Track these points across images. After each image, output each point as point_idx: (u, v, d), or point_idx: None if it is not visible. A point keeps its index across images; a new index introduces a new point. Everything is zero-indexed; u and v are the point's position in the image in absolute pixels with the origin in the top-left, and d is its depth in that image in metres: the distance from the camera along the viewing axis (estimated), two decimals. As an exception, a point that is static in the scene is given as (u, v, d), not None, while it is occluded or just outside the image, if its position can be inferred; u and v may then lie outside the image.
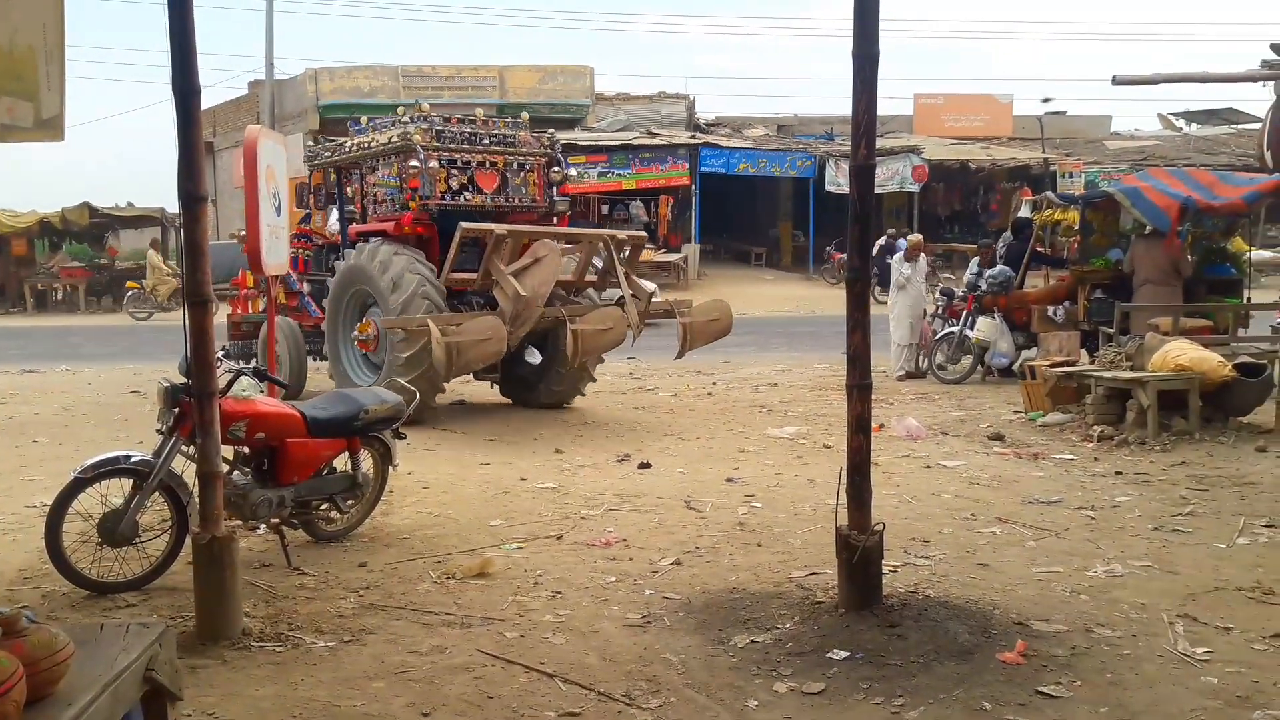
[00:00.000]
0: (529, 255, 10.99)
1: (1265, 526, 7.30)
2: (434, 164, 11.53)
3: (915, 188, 34.01)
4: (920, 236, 16.40)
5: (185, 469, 6.22)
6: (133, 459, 6.28)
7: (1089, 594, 5.97)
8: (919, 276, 15.42)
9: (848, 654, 5.06)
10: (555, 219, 12.80)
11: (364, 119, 12.73)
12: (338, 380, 11.83)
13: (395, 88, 33.57)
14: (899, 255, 15.80)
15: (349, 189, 13.13)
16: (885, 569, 5.79)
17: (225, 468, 6.21)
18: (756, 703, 4.66)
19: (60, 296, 32.43)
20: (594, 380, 12.58)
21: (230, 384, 6.46)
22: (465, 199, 11.85)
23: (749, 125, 38.55)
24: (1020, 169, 35.34)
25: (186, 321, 5.50)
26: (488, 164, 12.06)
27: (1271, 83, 10.08)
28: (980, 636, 5.23)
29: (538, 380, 12.44)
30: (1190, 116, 38.75)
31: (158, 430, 6.42)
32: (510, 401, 12.80)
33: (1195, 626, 5.45)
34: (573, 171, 13.11)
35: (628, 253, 11.81)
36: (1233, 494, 8.24)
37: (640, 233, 12.53)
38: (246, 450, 6.74)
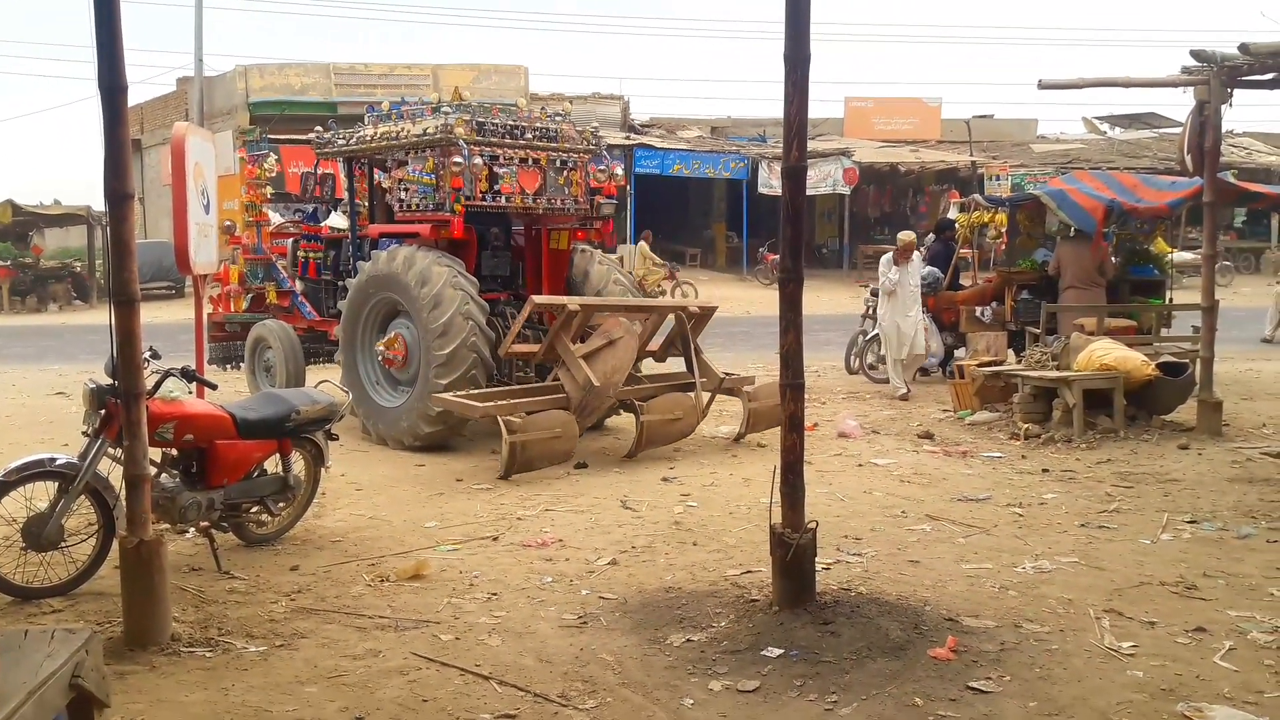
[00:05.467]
0: (601, 335, 9.90)
1: (1188, 523, 7.47)
2: (477, 160, 10.35)
3: (846, 190, 34.35)
4: (912, 235, 14.04)
5: (112, 471, 6.13)
6: (58, 461, 6.17)
7: (1017, 590, 6.07)
8: (911, 281, 13.55)
9: (782, 651, 5.10)
10: (598, 224, 11.62)
11: (384, 104, 11.40)
12: (354, 393, 10.08)
13: (327, 85, 33.24)
14: (886, 258, 13.80)
15: (360, 182, 11.99)
16: (818, 566, 5.83)
17: (153, 470, 6.11)
18: (692, 701, 4.68)
19: (-18, 296, 31.75)
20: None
21: (158, 385, 6.35)
22: (506, 200, 10.72)
23: (683, 127, 38.68)
24: (948, 171, 35.79)
25: (112, 321, 5.40)
26: (530, 161, 10.87)
27: (1191, 88, 10.27)
28: (911, 633, 5.30)
29: None
30: (1114, 120, 39.58)
31: (84, 432, 6.32)
32: None
33: (1121, 621, 5.57)
34: (619, 170, 11.62)
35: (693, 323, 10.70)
36: (1157, 491, 8.41)
37: (711, 305, 11.38)
38: (174, 452, 6.64)
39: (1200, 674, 4.90)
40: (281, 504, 7.11)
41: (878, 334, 14.91)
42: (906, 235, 13.91)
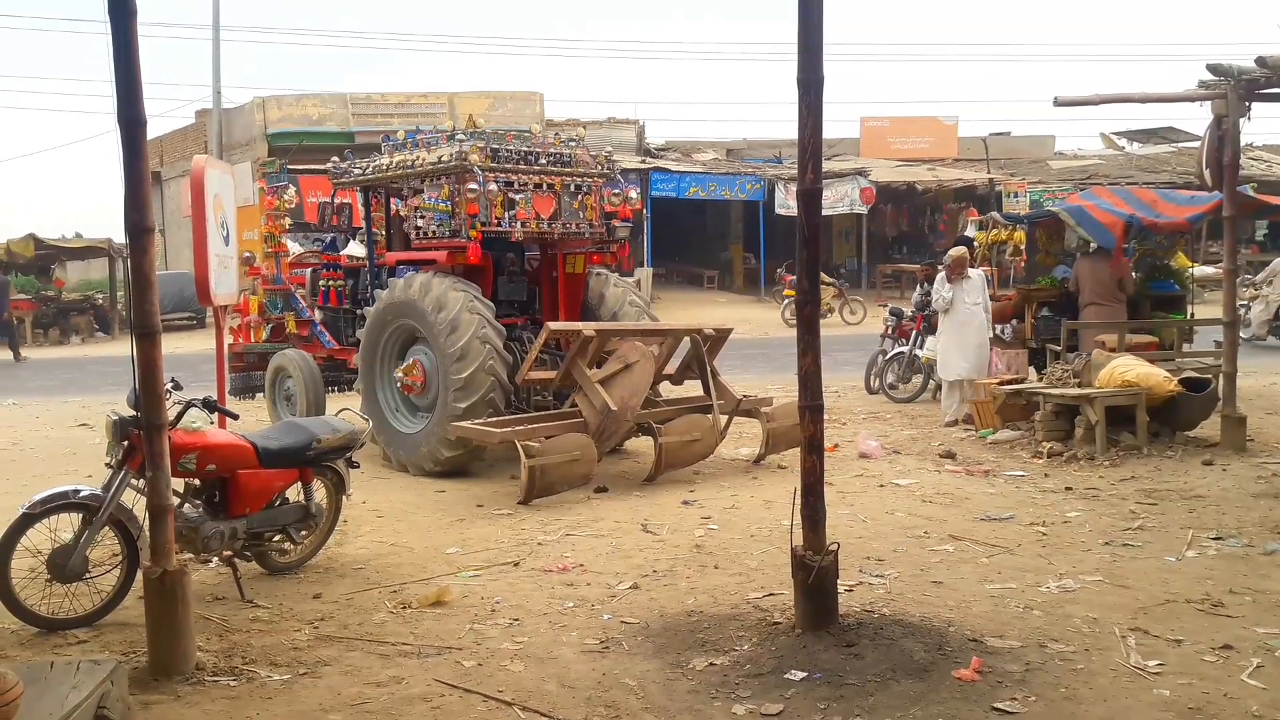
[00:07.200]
0: (618, 360, 9.92)
1: (1213, 539, 7.41)
2: (492, 187, 10.45)
3: (863, 209, 34.30)
4: (964, 250, 13.18)
5: (135, 502, 6.15)
6: (82, 493, 6.21)
7: (1042, 609, 6.03)
8: (968, 298, 12.64)
9: (805, 674, 5.08)
10: (614, 247, 11.66)
11: (400, 133, 11.56)
12: (374, 420, 9.84)
13: (344, 115, 33.47)
14: (940, 275, 13.02)
15: (377, 211, 12.22)
16: (841, 588, 5.82)
17: (176, 500, 6.14)
18: (715, 726, 4.67)
19: (6, 329, 31.96)
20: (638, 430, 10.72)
21: (180, 416, 6.39)
22: (521, 225, 10.72)
23: (699, 149, 38.71)
24: (966, 189, 35.74)
25: (134, 353, 5.44)
26: (544, 186, 10.96)
27: (1208, 102, 10.24)
28: (936, 654, 5.27)
29: None
30: (1132, 136, 39.43)
31: (107, 464, 6.35)
32: None
33: (1147, 639, 5.52)
34: (633, 194, 11.73)
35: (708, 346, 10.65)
36: (1181, 507, 8.35)
37: (727, 326, 11.27)
38: (197, 482, 6.66)
39: (1228, 692, 4.85)
40: (304, 532, 7.14)
41: (898, 353, 14.90)
42: (957, 250, 13.16)
